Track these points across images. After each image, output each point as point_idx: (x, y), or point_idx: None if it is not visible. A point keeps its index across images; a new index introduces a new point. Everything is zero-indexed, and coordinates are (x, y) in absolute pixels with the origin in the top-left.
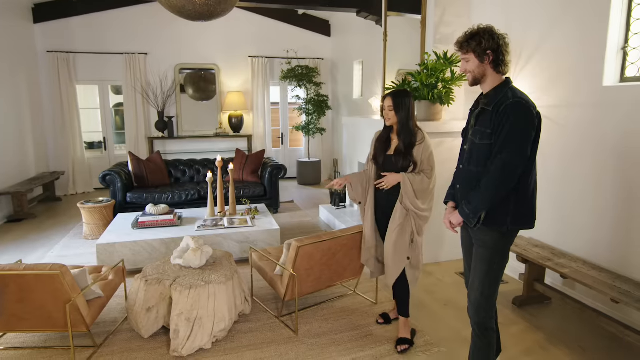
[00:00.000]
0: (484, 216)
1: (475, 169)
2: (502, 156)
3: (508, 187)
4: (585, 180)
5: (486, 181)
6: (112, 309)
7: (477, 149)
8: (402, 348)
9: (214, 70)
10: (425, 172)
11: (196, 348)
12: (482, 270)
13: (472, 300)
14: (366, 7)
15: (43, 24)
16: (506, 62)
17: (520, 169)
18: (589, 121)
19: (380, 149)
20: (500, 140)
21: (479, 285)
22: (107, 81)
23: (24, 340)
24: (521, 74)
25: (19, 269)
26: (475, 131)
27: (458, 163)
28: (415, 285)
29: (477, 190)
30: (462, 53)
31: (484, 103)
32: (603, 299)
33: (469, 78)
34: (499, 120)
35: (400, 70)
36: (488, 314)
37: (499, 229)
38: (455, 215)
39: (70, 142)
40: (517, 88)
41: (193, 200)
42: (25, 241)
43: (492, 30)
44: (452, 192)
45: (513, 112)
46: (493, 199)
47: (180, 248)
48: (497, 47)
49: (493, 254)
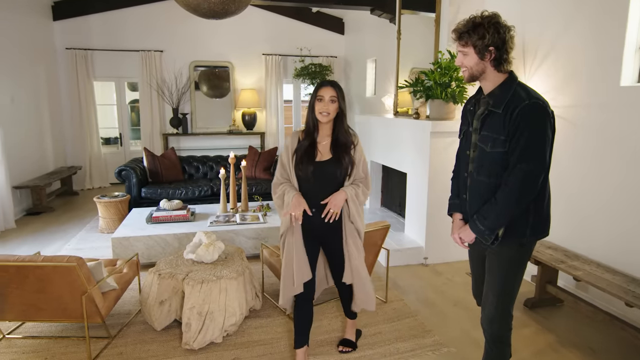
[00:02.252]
0: (502, 232)
1: (488, 180)
2: (521, 166)
3: (530, 199)
4: (601, 182)
5: (505, 195)
6: (126, 301)
7: (489, 158)
8: (344, 349)
9: (228, 68)
10: (363, 182)
11: (207, 342)
12: (498, 283)
13: (486, 314)
14: (380, 5)
15: (62, 21)
16: (509, 60)
17: (542, 178)
18: (606, 122)
19: (305, 156)
20: (519, 147)
21: (493, 299)
22: (123, 78)
23: (42, 330)
24: (536, 73)
25: (38, 260)
26: (484, 137)
27: (459, 170)
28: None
29: (492, 205)
30: (459, 44)
31: (491, 104)
32: (617, 302)
33: (464, 74)
34: (514, 125)
35: (413, 68)
36: (504, 327)
37: (518, 242)
38: (466, 232)
39: (87, 138)
40: (526, 84)
41: (206, 196)
42: (43, 233)
43: (498, 22)
44: (456, 202)
45: (530, 116)
46: (512, 214)
47: (193, 243)
48: (502, 44)
49: (509, 267)
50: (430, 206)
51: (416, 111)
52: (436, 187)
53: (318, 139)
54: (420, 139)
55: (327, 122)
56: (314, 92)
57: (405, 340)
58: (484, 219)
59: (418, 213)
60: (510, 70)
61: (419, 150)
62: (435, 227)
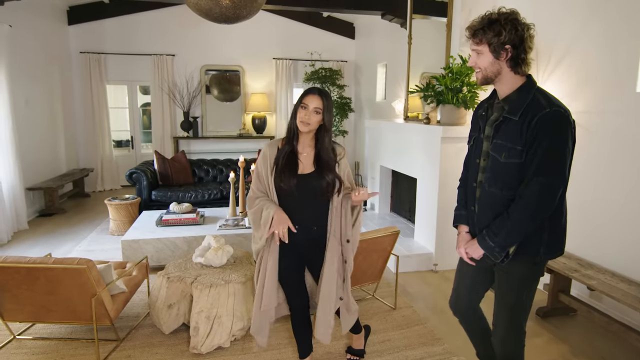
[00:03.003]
0: (514, 250)
1: (500, 192)
2: (539, 179)
3: (546, 215)
4: (617, 189)
5: (520, 210)
6: (135, 304)
7: (504, 169)
8: (352, 357)
9: (238, 72)
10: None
11: (215, 346)
12: (509, 303)
13: (498, 335)
14: (391, 10)
15: (77, 25)
16: (527, 60)
17: (560, 192)
18: (622, 128)
19: (287, 168)
20: (537, 159)
21: (505, 318)
22: (135, 81)
23: (52, 332)
24: (550, 78)
25: (49, 262)
26: (498, 146)
27: (467, 179)
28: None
29: (504, 220)
30: (473, 42)
31: (506, 111)
32: (632, 312)
33: (477, 76)
34: (532, 135)
35: (424, 73)
36: (517, 344)
37: (531, 260)
38: (474, 247)
39: (100, 140)
40: (546, 91)
41: (215, 199)
42: (55, 235)
43: (516, 18)
44: (463, 213)
45: (551, 125)
46: (527, 231)
47: (202, 247)
48: (520, 42)
49: (521, 286)
50: (440, 212)
51: (427, 116)
52: (446, 193)
53: (299, 148)
54: (430, 144)
55: (307, 132)
56: (300, 98)
57: (415, 348)
58: (495, 235)
59: (428, 219)
60: (529, 74)
61: (429, 155)
62: (446, 233)
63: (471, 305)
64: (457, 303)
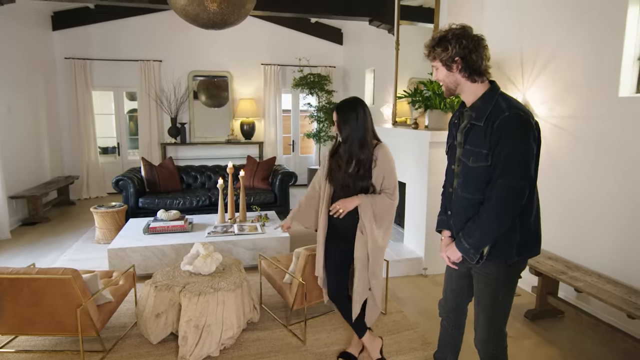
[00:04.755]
0: (487, 251)
1: (472, 196)
2: (504, 181)
3: (513, 216)
4: (602, 192)
5: (488, 212)
6: (122, 314)
7: (472, 173)
8: None
9: (226, 77)
10: (386, 192)
11: (204, 355)
12: (487, 305)
13: (479, 335)
14: (378, 16)
15: (61, 31)
16: (481, 69)
17: (526, 193)
18: (605, 132)
19: (336, 166)
20: (501, 162)
21: (484, 320)
22: (122, 87)
23: (35, 344)
24: (535, 83)
25: (32, 272)
26: (467, 151)
27: (446, 185)
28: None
29: (476, 222)
30: (430, 60)
31: (472, 117)
32: (618, 314)
33: (443, 88)
34: (495, 138)
35: (412, 78)
36: (498, 345)
37: (504, 262)
38: (452, 250)
39: (85, 147)
40: (508, 95)
41: (204, 206)
42: (38, 244)
43: (462, 33)
44: (444, 218)
45: (511, 128)
46: (497, 232)
47: (190, 254)
48: (467, 54)
49: (497, 288)
50: (429, 216)
51: (415, 121)
52: (435, 197)
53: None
54: (419, 149)
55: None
56: None
57: (405, 353)
58: (469, 236)
59: (417, 223)
60: (492, 81)
61: (417, 160)
62: (435, 238)
63: (457, 309)
64: (445, 306)
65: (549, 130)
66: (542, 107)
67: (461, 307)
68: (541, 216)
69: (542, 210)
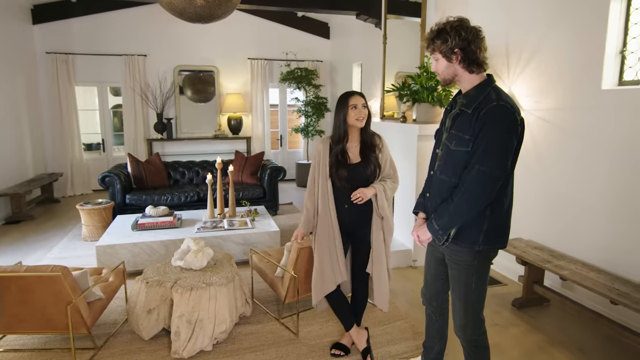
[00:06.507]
0: (453, 233)
1: (448, 179)
2: (479, 167)
3: (484, 203)
4: (585, 182)
5: (460, 195)
6: (113, 310)
7: (452, 156)
8: (337, 352)
9: (213, 72)
10: (392, 177)
11: (197, 350)
12: (461, 292)
13: (457, 321)
14: (366, 10)
15: (42, 25)
16: (480, 60)
17: (499, 183)
18: (589, 124)
19: (338, 161)
20: (480, 148)
21: (460, 307)
22: (106, 83)
23: (24, 343)
24: (520, 76)
25: (21, 270)
26: (451, 135)
27: (429, 169)
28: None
29: (448, 204)
30: (429, 52)
31: (463, 104)
32: (602, 300)
33: (440, 79)
34: (479, 125)
35: (399, 72)
36: (476, 331)
37: (470, 248)
38: (423, 230)
39: (69, 144)
40: (502, 89)
41: (192, 202)
42: (23, 243)
43: (461, 25)
44: (422, 201)
45: (496, 118)
46: (466, 215)
47: (181, 250)
48: (467, 45)
49: (469, 275)
50: None
51: (403, 115)
52: None
53: (348, 144)
54: (407, 143)
55: (361, 126)
56: (345, 103)
57: (397, 343)
58: (439, 217)
59: (406, 216)
60: (489, 74)
61: (406, 153)
62: None
63: (438, 296)
64: (427, 293)
65: (535, 123)
66: (527, 100)
67: (442, 294)
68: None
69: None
